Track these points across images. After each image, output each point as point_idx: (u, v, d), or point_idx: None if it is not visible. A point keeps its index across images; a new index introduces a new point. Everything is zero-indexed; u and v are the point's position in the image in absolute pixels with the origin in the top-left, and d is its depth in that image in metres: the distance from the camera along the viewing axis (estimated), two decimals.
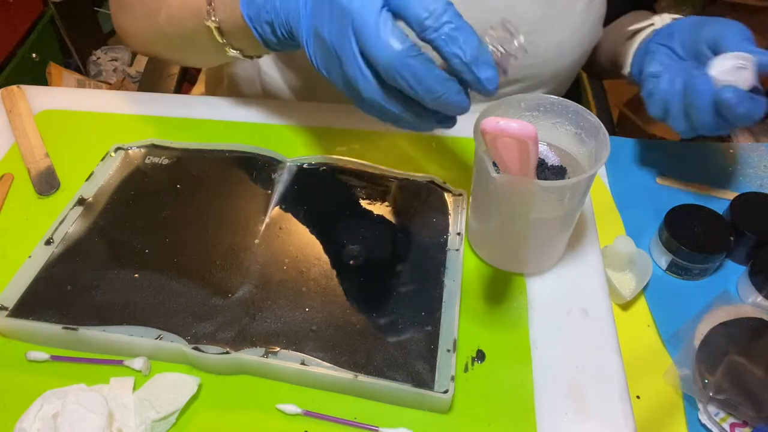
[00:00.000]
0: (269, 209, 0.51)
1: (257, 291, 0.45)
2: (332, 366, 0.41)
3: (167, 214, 0.50)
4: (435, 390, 0.40)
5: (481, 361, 0.43)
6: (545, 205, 0.43)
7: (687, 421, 0.52)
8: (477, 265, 0.49)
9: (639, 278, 0.61)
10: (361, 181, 0.54)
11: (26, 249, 0.47)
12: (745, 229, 0.61)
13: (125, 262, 0.46)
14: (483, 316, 0.46)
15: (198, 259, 0.47)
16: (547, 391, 0.42)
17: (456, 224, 0.50)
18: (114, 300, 0.44)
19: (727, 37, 0.55)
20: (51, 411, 0.38)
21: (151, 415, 0.39)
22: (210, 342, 0.42)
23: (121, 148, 0.56)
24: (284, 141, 0.59)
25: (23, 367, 0.42)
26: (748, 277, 0.59)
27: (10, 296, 0.44)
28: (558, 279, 0.49)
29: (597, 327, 0.46)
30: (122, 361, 0.42)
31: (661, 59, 0.59)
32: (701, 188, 0.68)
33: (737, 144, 0.77)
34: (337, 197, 0.52)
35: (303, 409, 0.40)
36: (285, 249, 0.48)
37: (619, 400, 0.42)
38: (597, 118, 0.43)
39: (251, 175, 0.54)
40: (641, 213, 0.66)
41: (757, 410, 0.49)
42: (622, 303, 0.60)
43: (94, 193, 0.52)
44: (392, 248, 0.48)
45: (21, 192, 0.54)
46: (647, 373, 0.54)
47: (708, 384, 0.51)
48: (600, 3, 0.66)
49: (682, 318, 0.57)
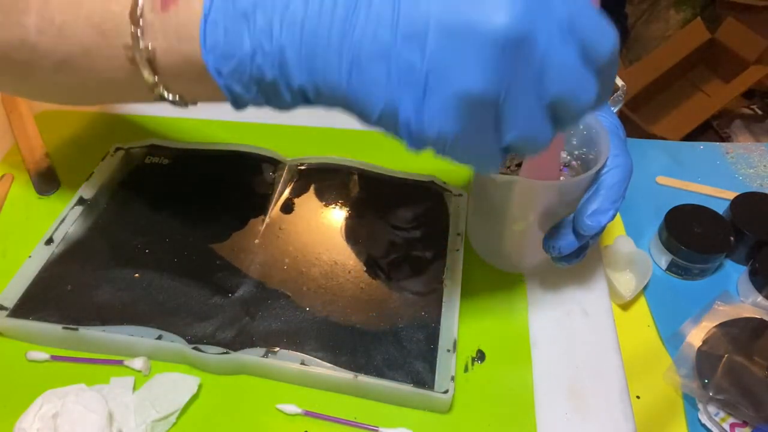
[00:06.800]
0: (269, 209, 0.51)
1: (257, 291, 0.45)
2: (332, 366, 0.41)
3: (167, 214, 0.50)
4: (435, 390, 0.40)
5: (481, 361, 0.43)
6: (546, 206, 0.43)
7: (687, 421, 0.52)
8: (477, 265, 0.49)
9: (639, 278, 0.61)
10: (362, 181, 0.54)
11: (26, 249, 0.47)
12: (745, 229, 0.61)
13: (125, 262, 0.46)
14: (483, 316, 0.46)
15: (198, 259, 0.47)
16: (547, 391, 0.42)
17: (456, 224, 0.50)
18: (114, 300, 0.44)
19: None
20: (51, 411, 0.38)
21: (151, 415, 0.39)
22: (210, 342, 0.42)
23: (121, 148, 0.56)
24: (284, 141, 0.59)
25: (23, 367, 0.42)
26: (748, 277, 0.59)
27: (10, 296, 0.44)
28: (558, 279, 0.49)
29: (597, 327, 0.46)
30: (122, 361, 0.42)
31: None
32: (701, 188, 0.68)
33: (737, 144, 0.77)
34: (337, 197, 0.52)
35: (303, 409, 0.40)
36: (285, 249, 0.48)
37: (619, 400, 0.42)
38: (596, 117, 0.43)
39: (251, 175, 0.54)
40: (641, 213, 0.66)
41: (757, 410, 0.49)
42: (622, 303, 0.60)
43: (94, 193, 0.52)
44: (392, 248, 0.48)
45: (21, 192, 0.54)
46: (647, 373, 0.54)
47: (708, 384, 0.51)
48: None
49: (682, 318, 0.57)
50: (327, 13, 0.27)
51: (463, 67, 0.26)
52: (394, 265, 0.47)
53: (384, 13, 0.27)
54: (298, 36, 0.28)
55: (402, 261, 0.47)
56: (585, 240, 0.42)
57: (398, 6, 0.26)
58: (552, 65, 0.27)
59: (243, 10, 0.28)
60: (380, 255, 0.48)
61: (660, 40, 1.50)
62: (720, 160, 0.73)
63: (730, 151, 0.75)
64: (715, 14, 1.46)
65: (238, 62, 0.29)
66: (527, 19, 0.25)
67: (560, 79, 0.27)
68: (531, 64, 0.26)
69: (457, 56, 0.26)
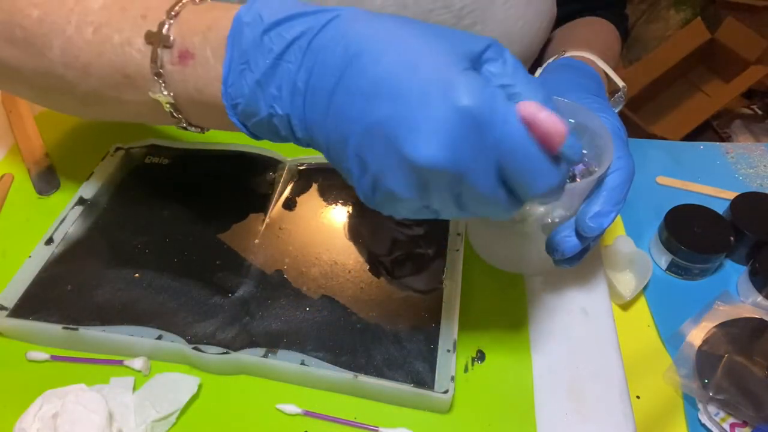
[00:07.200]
0: (269, 209, 0.51)
1: (257, 291, 0.45)
2: (332, 366, 0.41)
3: (167, 214, 0.50)
4: (435, 390, 0.40)
5: (481, 361, 0.43)
6: (549, 208, 0.43)
7: (687, 421, 0.52)
8: (477, 265, 0.49)
9: (639, 278, 0.61)
10: None
11: (26, 249, 0.47)
12: (745, 229, 0.61)
13: (125, 262, 0.46)
14: (483, 316, 0.46)
15: (198, 259, 0.47)
16: (547, 391, 0.42)
17: (456, 224, 0.50)
18: (114, 300, 0.44)
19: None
20: (51, 411, 0.38)
21: (151, 415, 0.39)
22: (210, 342, 0.42)
23: (121, 148, 0.56)
24: None
25: (23, 367, 0.42)
26: (748, 277, 0.59)
27: (10, 296, 0.44)
28: (558, 279, 0.49)
29: (597, 327, 0.46)
30: (122, 361, 0.42)
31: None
32: (701, 188, 0.68)
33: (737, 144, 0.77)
34: (337, 197, 0.52)
35: (303, 409, 0.40)
36: (285, 249, 0.48)
37: (619, 400, 0.42)
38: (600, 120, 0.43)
39: (251, 175, 0.54)
40: (641, 213, 0.66)
41: (757, 410, 0.49)
42: (622, 303, 0.60)
43: (94, 193, 0.52)
44: (392, 248, 0.48)
45: (21, 192, 0.54)
46: (647, 373, 0.54)
47: (708, 384, 0.51)
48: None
49: (682, 318, 0.57)
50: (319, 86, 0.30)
51: (393, 177, 0.29)
52: (393, 265, 0.47)
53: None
54: (300, 106, 0.31)
55: (401, 261, 0.47)
56: (587, 242, 0.42)
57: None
58: (479, 196, 0.29)
59: (257, 79, 0.31)
60: (380, 255, 0.48)
61: (660, 40, 1.50)
62: (720, 160, 0.73)
63: (730, 151, 0.75)
64: (715, 14, 1.46)
65: (258, 121, 0.33)
66: (454, 157, 0.27)
67: (486, 210, 0.30)
68: (458, 187, 0.29)
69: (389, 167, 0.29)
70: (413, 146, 0.27)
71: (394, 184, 0.29)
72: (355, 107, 0.29)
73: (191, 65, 0.33)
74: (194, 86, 0.34)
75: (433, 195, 0.29)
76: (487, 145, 0.27)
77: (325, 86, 0.29)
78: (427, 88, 0.27)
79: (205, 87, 0.33)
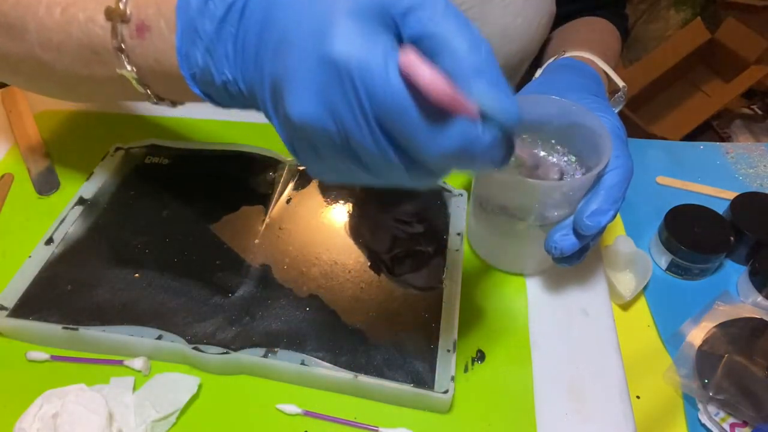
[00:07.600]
0: (269, 209, 0.51)
1: (257, 291, 0.45)
2: (332, 366, 0.40)
3: (167, 214, 0.50)
4: (435, 390, 0.40)
5: (481, 361, 0.43)
6: (546, 206, 0.43)
7: (687, 421, 0.52)
8: (477, 265, 0.49)
9: (639, 278, 0.61)
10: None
11: (26, 249, 0.47)
12: (745, 229, 0.61)
13: (125, 262, 0.46)
14: (483, 316, 0.46)
15: (198, 259, 0.47)
16: (547, 391, 0.42)
17: (456, 224, 0.50)
18: (114, 300, 0.44)
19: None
20: (51, 411, 0.38)
21: (151, 415, 0.39)
22: (210, 342, 0.41)
23: (121, 148, 0.56)
24: None
25: (23, 367, 0.42)
26: (748, 277, 0.59)
27: (10, 296, 0.44)
28: (558, 279, 0.49)
29: (597, 327, 0.46)
30: (122, 361, 0.42)
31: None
32: (701, 188, 0.68)
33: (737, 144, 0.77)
34: (336, 197, 0.52)
35: (303, 409, 0.40)
36: (285, 249, 0.48)
37: (619, 400, 0.42)
38: (598, 119, 0.43)
39: (251, 175, 0.54)
40: (641, 213, 0.66)
41: (757, 410, 0.49)
42: (622, 303, 0.60)
43: (94, 193, 0.52)
44: (392, 248, 0.48)
45: (21, 192, 0.54)
46: (647, 373, 0.54)
47: (708, 384, 0.51)
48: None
49: (682, 318, 0.57)
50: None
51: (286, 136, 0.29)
52: (393, 262, 0.47)
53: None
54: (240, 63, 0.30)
55: (401, 261, 0.47)
56: (586, 241, 0.42)
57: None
58: (372, 158, 0.27)
59: (206, 45, 0.31)
60: (380, 253, 0.48)
61: (660, 40, 1.50)
62: (720, 160, 0.73)
63: (731, 151, 0.75)
64: (715, 14, 1.46)
65: (216, 89, 0.32)
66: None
67: (396, 176, 0.28)
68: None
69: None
70: (289, 102, 0.26)
71: (289, 143, 0.29)
72: (266, 64, 0.28)
73: (148, 38, 0.33)
74: (154, 58, 0.34)
75: (327, 155, 0.28)
76: (362, 100, 0.25)
77: (252, 43, 0.29)
78: (305, 41, 0.26)
79: (164, 58, 0.33)
